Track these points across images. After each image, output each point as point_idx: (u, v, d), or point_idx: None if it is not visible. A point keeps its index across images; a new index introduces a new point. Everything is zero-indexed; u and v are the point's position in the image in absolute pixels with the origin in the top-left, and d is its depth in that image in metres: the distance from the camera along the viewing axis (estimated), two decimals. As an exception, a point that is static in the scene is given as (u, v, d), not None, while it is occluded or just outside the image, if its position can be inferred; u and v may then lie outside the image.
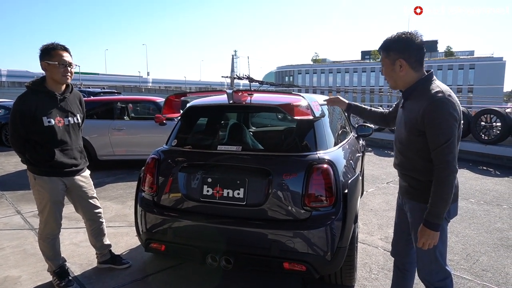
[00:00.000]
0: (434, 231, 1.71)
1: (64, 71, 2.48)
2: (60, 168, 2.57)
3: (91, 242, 2.98)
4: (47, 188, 2.55)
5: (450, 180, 1.66)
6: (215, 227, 2.43)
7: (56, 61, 2.44)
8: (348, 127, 4.12)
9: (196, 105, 2.92)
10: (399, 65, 1.78)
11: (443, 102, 1.65)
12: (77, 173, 2.71)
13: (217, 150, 2.60)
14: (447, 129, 1.64)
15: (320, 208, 2.33)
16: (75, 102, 2.71)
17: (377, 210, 4.66)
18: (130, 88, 63.16)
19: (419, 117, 1.71)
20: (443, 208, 1.68)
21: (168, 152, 2.78)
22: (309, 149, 2.50)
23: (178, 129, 2.89)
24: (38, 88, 2.51)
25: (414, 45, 1.76)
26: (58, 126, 2.53)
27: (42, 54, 2.47)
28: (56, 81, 2.52)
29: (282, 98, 2.77)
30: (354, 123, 11.92)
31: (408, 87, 1.83)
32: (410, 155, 1.84)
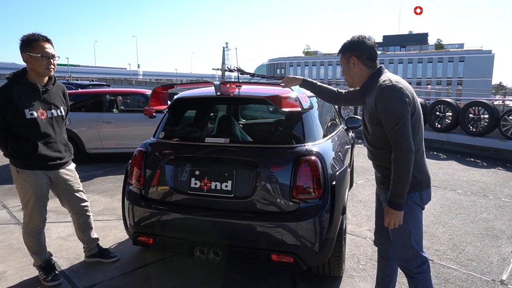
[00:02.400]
0: (397, 211, 1.81)
1: (48, 64, 2.41)
2: (43, 161, 2.51)
3: (78, 236, 2.95)
4: (31, 182, 2.50)
5: (404, 160, 1.74)
6: (203, 220, 2.42)
7: (39, 53, 2.36)
8: (337, 120, 4.13)
9: (183, 97, 2.89)
10: (353, 62, 1.97)
11: (389, 88, 1.79)
12: (61, 166, 2.66)
13: (204, 142, 2.57)
14: (396, 111, 1.75)
15: (308, 200, 2.33)
16: (58, 94, 2.64)
17: (366, 202, 4.69)
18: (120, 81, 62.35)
19: (373, 106, 1.85)
20: (402, 188, 1.77)
21: (155, 144, 2.75)
22: (297, 141, 2.49)
23: (165, 122, 2.86)
24: (19, 80, 2.44)
25: (365, 44, 1.95)
26: (41, 118, 2.46)
27: (23, 45, 2.38)
28: (38, 74, 2.45)
29: (270, 90, 2.75)
30: (345, 115, 11.98)
31: (363, 83, 1.99)
32: (378, 145, 1.94)
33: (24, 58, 2.39)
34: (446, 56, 63.55)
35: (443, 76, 63.10)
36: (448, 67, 63.00)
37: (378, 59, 2.02)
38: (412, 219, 1.89)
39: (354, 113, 11.87)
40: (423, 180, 1.90)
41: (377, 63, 1.98)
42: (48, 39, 2.43)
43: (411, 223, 1.88)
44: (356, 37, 1.98)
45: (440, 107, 9.16)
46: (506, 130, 7.88)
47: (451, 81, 62.30)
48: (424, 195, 1.91)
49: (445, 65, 63.24)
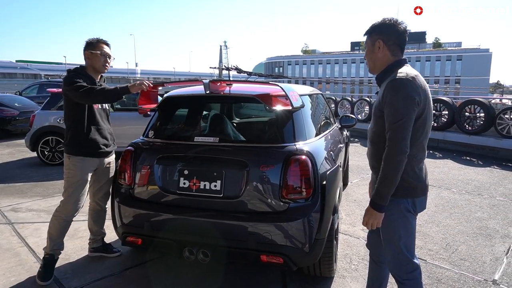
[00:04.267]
0: (377, 212, 1.72)
1: (104, 61, 2.75)
2: (93, 148, 2.76)
3: (89, 225, 3.07)
4: (79, 166, 2.72)
5: (394, 160, 1.64)
6: (191, 220, 2.39)
7: (98, 51, 2.71)
8: (331, 118, 4.10)
9: (173, 95, 2.85)
10: (378, 46, 1.81)
11: (401, 82, 1.66)
12: (107, 155, 2.91)
13: (194, 141, 2.54)
14: (401, 108, 1.63)
15: (297, 200, 2.30)
16: None
17: (361, 201, 4.67)
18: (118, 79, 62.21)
19: (381, 97, 1.74)
20: (386, 188, 1.68)
21: (145, 144, 2.72)
22: (287, 140, 2.46)
23: (155, 121, 2.83)
24: (81, 71, 2.73)
25: (395, 28, 1.79)
26: (95, 107, 2.77)
27: (87, 45, 2.73)
28: (95, 70, 2.76)
29: (260, 88, 2.72)
30: (342, 114, 11.96)
31: (381, 71, 1.84)
32: (376, 140, 1.83)
33: (85, 56, 2.74)
34: (444, 55, 63.61)
35: (441, 75, 63.15)
36: (446, 66, 63.07)
37: None
38: (403, 225, 1.79)
39: (350, 113, 11.85)
40: (418, 186, 1.77)
41: (402, 54, 1.84)
42: (108, 43, 2.80)
43: (402, 229, 1.79)
44: (388, 19, 1.81)
45: (436, 105, 9.14)
46: (502, 129, 7.87)
47: (449, 80, 62.36)
48: (417, 203, 1.79)
49: (443, 64, 63.30)
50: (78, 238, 3.43)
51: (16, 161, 7.28)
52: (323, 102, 3.93)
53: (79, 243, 3.33)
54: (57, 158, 6.75)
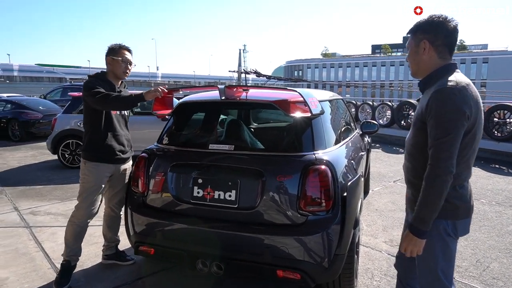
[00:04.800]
0: (418, 238, 1.52)
1: (125, 68, 2.73)
2: (109, 154, 2.73)
3: (104, 231, 3.03)
4: (94, 172, 2.69)
5: (438, 182, 1.45)
6: (205, 231, 2.29)
7: (120, 57, 2.70)
8: (352, 124, 3.94)
9: (188, 101, 2.78)
10: (423, 47, 1.61)
11: (450, 91, 1.45)
12: (124, 162, 2.88)
13: (208, 149, 2.45)
14: (448, 121, 1.43)
15: (316, 213, 2.17)
16: None
17: (383, 211, 4.47)
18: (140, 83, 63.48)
19: (424, 107, 1.53)
20: (428, 213, 1.48)
21: (159, 150, 2.65)
22: (306, 149, 2.33)
23: (169, 127, 2.76)
24: (101, 77, 2.73)
25: (444, 27, 1.57)
26: (113, 113, 2.75)
27: (109, 51, 2.72)
28: (116, 75, 2.75)
29: (278, 94, 2.60)
30: (362, 119, 11.68)
31: (426, 75, 1.63)
32: (414, 154, 1.65)
33: (107, 61, 2.73)
34: (469, 57, 61.69)
35: (466, 78, 61.16)
36: (471, 69, 61.12)
37: (398, 61, 1.76)
38: (441, 249, 1.58)
39: (372, 118, 11.56)
40: (460, 207, 1.56)
41: (451, 57, 1.63)
42: (130, 49, 2.79)
43: (440, 253, 1.58)
44: (436, 16, 1.59)
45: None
46: (534, 136, 7.46)
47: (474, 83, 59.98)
48: (459, 226, 1.58)
49: (468, 67, 61.37)
50: (93, 244, 3.40)
51: (38, 163, 7.42)
52: (343, 108, 3.78)
53: (93, 250, 3.30)
54: (77, 161, 6.82)
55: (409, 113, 10.32)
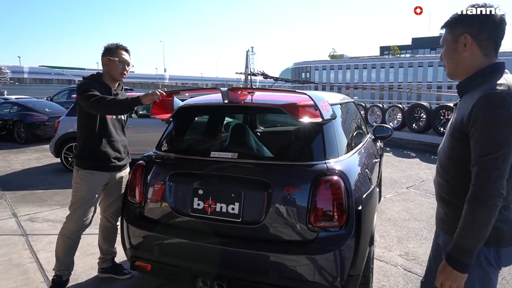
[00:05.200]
0: (457, 272, 1.26)
1: (122, 69, 2.56)
2: (104, 161, 2.55)
3: (99, 242, 2.86)
4: (87, 181, 2.51)
5: (484, 208, 1.21)
6: (206, 247, 2.10)
7: (117, 57, 2.53)
8: (364, 128, 3.71)
9: (188, 105, 2.57)
10: (463, 42, 1.35)
11: (502, 98, 1.21)
12: (120, 169, 2.70)
13: (210, 157, 2.25)
14: (499, 134, 1.20)
15: (328, 229, 1.97)
16: None
17: (396, 220, 4.23)
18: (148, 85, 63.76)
19: (466, 115, 1.28)
20: (472, 243, 1.24)
21: (157, 157, 2.47)
22: (316, 158, 2.12)
23: (168, 132, 2.58)
24: (96, 79, 2.56)
25: (489, 20, 1.32)
26: (108, 117, 2.57)
27: (106, 51, 2.55)
28: (112, 77, 2.57)
29: (286, 97, 2.40)
30: (371, 122, 11.39)
31: (467, 77, 1.38)
32: (450, 168, 1.41)
33: (103, 62, 2.56)
34: None
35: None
36: None
37: (407, 62, 1.47)
38: (480, 280, 1.34)
39: (382, 120, 11.27)
40: (506, 233, 1.31)
41: (497, 55, 1.36)
42: (127, 49, 2.61)
43: (478, 285, 1.34)
44: (479, 5, 1.33)
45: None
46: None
47: None
48: (503, 254, 1.33)
49: None
50: (90, 255, 3.23)
51: (41, 166, 7.32)
52: (355, 111, 3.56)
53: (89, 261, 3.12)
54: (80, 164, 6.70)
55: (420, 115, 10.03)
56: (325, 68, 75.82)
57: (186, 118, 2.67)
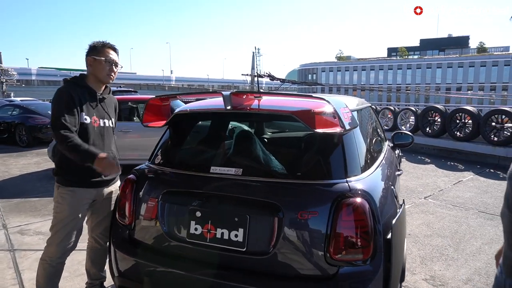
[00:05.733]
0: None
1: (109, 70, 2.26)
2: (87, 176, 2.20)
3: (87, 266, 2.52)
4: (69, 199, 2.18)
5: None
6: (204, 281, 1.76)
7: (103, 57, 2.23)
8: (381, 134, 3.35)
9: (185, 111, 2.23)
10: None
11: None
12: (107, 184, 2.36)
13: (209, 173, 1.92)
14: None
15: (351, 262, 1.62)
16: (111, 105, 2.45)
17: (417, 236, 3.85)
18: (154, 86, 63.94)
19: None
20: None
21: (149, 172, 2.14)
22: (336, 175, 1.78)
23: (163, 142, 2.25)
24: (78, 82, 2.25)
25: None
26: (93, 125, 2.24)
27: (90, 50, 2.26)
28: (98, 79, 2.27)
29: (299, 102, 2.06)
30: (383, 125, 11.00)
31: None
32: None
33: (87, 62, 2.26)
34: (490, 60, 59.76)
35: (486, 81, 59.35)
36: (492, 72, 59.21)
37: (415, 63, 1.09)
38: None
39: (393, 124, 10.83)
40: None
41: None
42: (115, 48, 2.31)
43: None
44: None
45: (497, 117, 8.03)
46: None
47: (495, 87, 58.53)
48: None
49: (488, 70, 59.50)
50: (79, 276, 2.91)
51: (40, 171, 7.06)
52: (373, 118, 3.20)
53: (78, 283, 2.81)
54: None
55: (435, 119, 9.61)
56: (332, 70, 75.22)
57: (183, 126, 2.31)
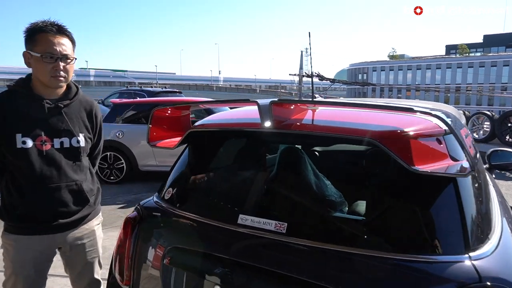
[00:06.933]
0: None
1: (54, 68, 1.51)
2: (36, 222, 1.57)
3: None
4: (11, 252, 1.57)
5: None
6: None
7: (39, 52, 1.49)
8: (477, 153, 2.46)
9: (204, 127, 1.55)
10: None
11: None
12: (72, 227, 1.64)
13: (236, 224, 1.25)
14: None
15: None
16: (79, 115, 1.69)
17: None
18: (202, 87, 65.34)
19: None
20: None
21: (156, 212, 1.52)
22: (449, 249, 1.03)
23: (176, 170, 1.62)
24: (21, 90, 1.57)
25: None
26: (38, 149, 1.54)
27: (26, 40, 1.54)
28: (42, 82, 1.56)
29: (377, 116, 1.32)
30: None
31: None
32: None
33: (25, 59, 1.56)
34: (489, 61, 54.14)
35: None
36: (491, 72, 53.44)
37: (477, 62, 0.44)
38: None
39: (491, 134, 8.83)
40: None
41: None
42: (61, 30, 1.53)
43: None
44: None
45: None
46: None
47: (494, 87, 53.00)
48: None
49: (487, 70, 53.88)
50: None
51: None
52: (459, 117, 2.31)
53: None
54: (115, 175, 6.12)
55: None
56: (383, 69, 71.74)
57: (201, 148, 1.64)
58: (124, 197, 5.38)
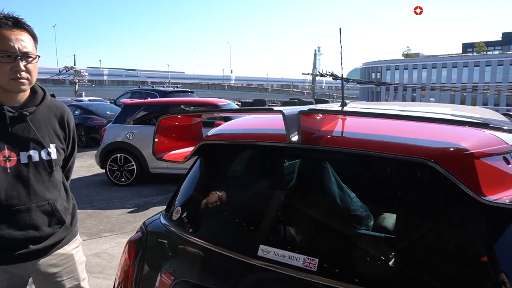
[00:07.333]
0: None
1: (13, 69, 1.29)
2: None
3: None
4: None
5: None
6: None
7: None
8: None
9: (218, 140, 1.34)
10: None
11: None
12: (45, 254, 1.42)
13: (256, 257, 1.05)
14: None
15: None
16: (48, 122, 1.47)
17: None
18: (214, 86, 65.47)
19: None
20: None
21: (162, 235, 1.33)
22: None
23: (185, 187, 1.42)
24: None
25: None
26: (1, 167, 1.33)
27: None
28: (1, 88, 1.33)
29: (423, 130, 1.10)
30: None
31: None
32: None
33: None
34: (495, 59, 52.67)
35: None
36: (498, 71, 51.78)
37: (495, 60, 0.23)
38: None
39: None
40: None
41: None
42: (19, 23, 1.31)
43: None
44: None
45: None
46: None
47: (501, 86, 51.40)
48: None
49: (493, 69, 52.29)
50: None
51: (90, 176, 6.83)
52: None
53: None
54: (125, 177, 6.00)
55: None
56: (398, 68, 70.61)
57: (215, 161, 1.44)
58: (134, 200, 5.26)
